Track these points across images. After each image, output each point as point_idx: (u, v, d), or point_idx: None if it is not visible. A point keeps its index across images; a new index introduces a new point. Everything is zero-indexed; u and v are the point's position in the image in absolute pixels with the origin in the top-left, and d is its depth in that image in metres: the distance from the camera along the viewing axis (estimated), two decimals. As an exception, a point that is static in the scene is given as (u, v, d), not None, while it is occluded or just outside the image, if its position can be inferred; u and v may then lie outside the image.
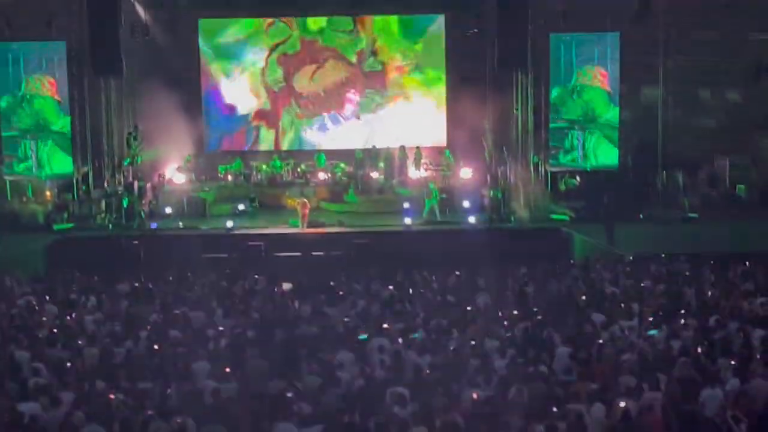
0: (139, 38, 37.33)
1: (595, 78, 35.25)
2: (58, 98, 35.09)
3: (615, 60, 35.18)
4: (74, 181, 35.30)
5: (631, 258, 27.51)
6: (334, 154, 39.76)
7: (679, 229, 32.70)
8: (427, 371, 16.75)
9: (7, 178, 35.06)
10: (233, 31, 40.97)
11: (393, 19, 41.06)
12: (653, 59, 36.04)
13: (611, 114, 35.39)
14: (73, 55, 35.29)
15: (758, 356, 17.19)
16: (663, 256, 26.90)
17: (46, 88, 34.96)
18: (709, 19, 36.96)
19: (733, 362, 16.72)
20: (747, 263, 25.18)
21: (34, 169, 35.10)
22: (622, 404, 14.74)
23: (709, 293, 22.25)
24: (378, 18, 41.02)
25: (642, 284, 23.42)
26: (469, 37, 39.36)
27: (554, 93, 35.49)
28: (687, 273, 24.78)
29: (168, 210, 34.63)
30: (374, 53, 40.99)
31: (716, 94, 39.24)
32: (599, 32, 35.22)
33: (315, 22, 40.82)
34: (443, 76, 40.95)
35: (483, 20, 38.58)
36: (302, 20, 40.82)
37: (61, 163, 35.25)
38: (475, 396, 15.34)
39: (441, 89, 40.99)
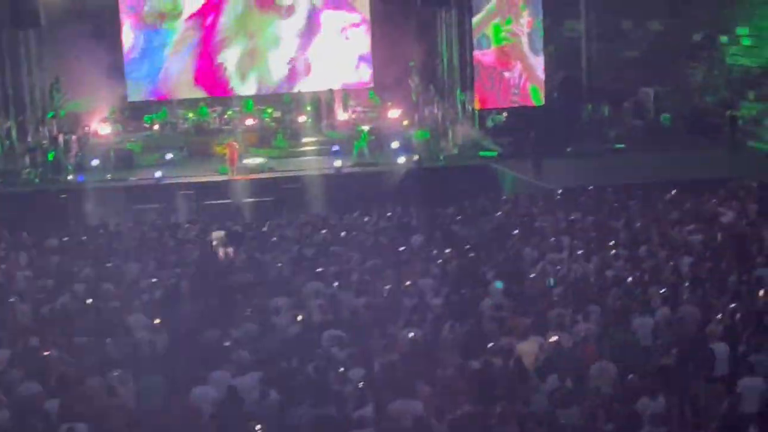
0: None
1: (519, 14, 35.30)
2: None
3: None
4: (-3, 136, 34.75)
5: (559, 192, 27.73)
6: (261, 99, 39.47)
7: (605, 161, 33.00)
8: (363, 313, 16.90)
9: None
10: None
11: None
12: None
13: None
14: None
15: (687, 284, 17.57)
16: (591, 188, 27.17)
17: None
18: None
19: (663, 290, 17.07)
20: (674, 192, 25.52)
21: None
22: (555, 337, 15.01)
23: (638, 223, 22.59)
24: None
25: (571, 217, 23.70)
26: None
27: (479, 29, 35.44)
28: (615, 204, 25.10)
29: (95, 162, 34.20)
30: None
31: (638, 24, 39.49)
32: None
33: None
34: (368, 16, 40.66)
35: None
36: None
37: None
38: (411, 335, 15.52)
39: (365, 28, 40.72)
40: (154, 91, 40.51)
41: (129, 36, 39.99)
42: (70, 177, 33.02)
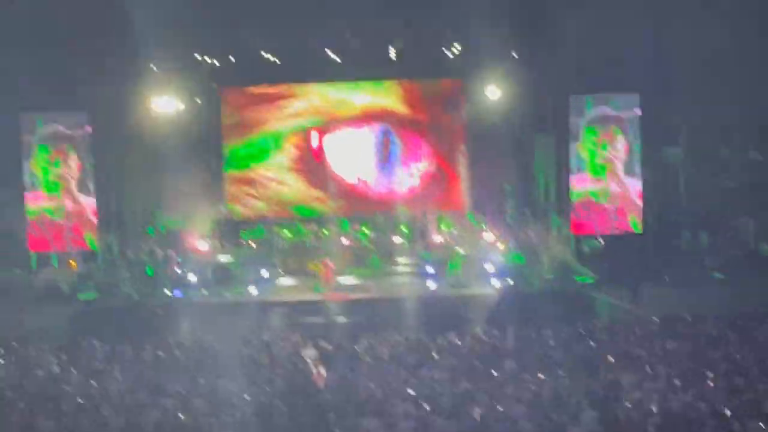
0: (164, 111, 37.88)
1: (615, 139, 35.29)
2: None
3: (635, 120, 35.19)
4: (99, 251, 35.41)
5: (656, 320, 27.32)
6: (357, 220, 39.86)
7: (704, 289, 32.49)
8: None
9: (33, 249, 35.19)
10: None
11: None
12: (673, 119, 36.08)
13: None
14: (97, 128, 35.45)
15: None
16: (688, 317, 26.72)
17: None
18: (727, 77, 36.93)
19: (762, 425, 16.59)
20: (774, 323, 24.98)
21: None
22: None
23: (737, 355, 22.08)
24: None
25: (668, 346, 23.27)
26: (488, 100, 39.54)
27: (575, 153, 35.50)
28: (713, 334, 24.61)
29: (192, 278, 34.70)
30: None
31: (737, 153, 39.15)
32: (618, 92, 35.26)
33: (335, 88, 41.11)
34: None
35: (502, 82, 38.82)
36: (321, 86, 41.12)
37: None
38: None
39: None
40: (252, 209, 41.28)
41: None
42: (167, 292, 33.51)
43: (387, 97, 41.07)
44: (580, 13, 33.79)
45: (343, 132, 41.22)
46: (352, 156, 41.18)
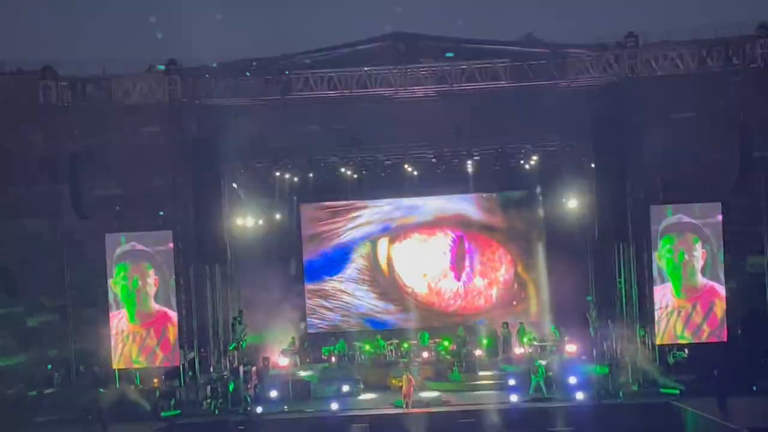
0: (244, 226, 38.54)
1: (693, 247, 34.89)
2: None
3: (717, 229, 34.77)
4: (181, 368, 35.63)
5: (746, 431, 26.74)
6: (437, 332, 39.72)
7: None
8: None
9: (116, 367, 35.47)
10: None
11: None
12: (756, 228, 35.66)
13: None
14: (179, 245, 35.95)
15: None
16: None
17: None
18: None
19: None
20: None
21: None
22: None
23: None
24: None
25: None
26: (566, 210, 39.63)
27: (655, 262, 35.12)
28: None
29: (273, 393, 34.69)
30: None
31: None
32: (699, 202, 34.95)
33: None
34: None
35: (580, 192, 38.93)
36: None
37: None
38: None
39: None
40: (332, 324, 41.48)
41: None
42: (249, 408, 33.51)
43: (461, 203, 41.40)
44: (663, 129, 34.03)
45: (415, 240, 41.51)
46: (425, 265, 41.41)
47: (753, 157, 34.08)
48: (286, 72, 34.91)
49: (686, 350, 35.41)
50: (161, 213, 36.00)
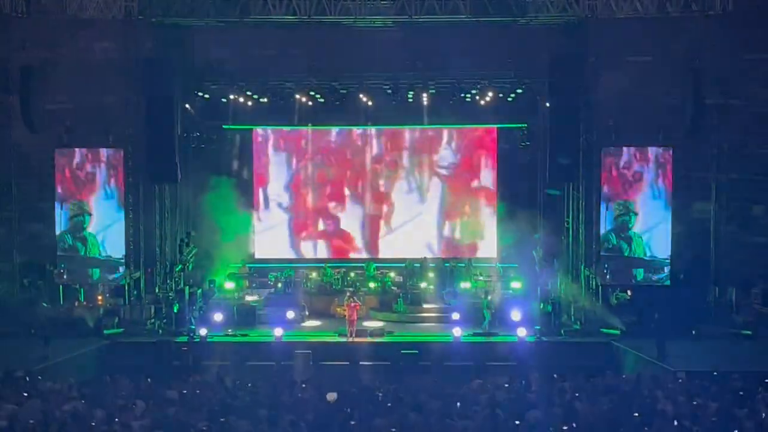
0: (195, 145, 38.26)
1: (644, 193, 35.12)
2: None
3: (665, 175, 35.01)
4: (125, 286, 35.51)
5: (682, 375, 27.08)
6: (384, 264, 39.90)
7: (731, 346, 32.24)
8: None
9: (59, 281, 35.27)
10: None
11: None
12: (705, 174, 35.96)
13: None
14: (129, 163, 35.61)
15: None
16: (715, 373, 26.45)
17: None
18: (762, 136, 36.77)
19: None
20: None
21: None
22: None
23: (763, 414, 21.82)
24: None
25: (694, 402, 23.02)
26: (520, 150, 39.80)
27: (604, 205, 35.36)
28: (740, 392, 24.33)
29: (218, 316, 34.70)
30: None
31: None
32: (651, 146, 35.13)
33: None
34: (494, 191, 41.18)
35: (533, 134, 39.13)
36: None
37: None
38: None
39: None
40: (280, 250, 41.42)
41: (260, 198, 41.38)
42: (193, 330, 33.53)
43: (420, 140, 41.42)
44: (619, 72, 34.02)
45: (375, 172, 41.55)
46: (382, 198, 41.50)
47: (705, 104, 34.24)
48: (245, -6, 34.49)
49: (629, 292, 35.85)
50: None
